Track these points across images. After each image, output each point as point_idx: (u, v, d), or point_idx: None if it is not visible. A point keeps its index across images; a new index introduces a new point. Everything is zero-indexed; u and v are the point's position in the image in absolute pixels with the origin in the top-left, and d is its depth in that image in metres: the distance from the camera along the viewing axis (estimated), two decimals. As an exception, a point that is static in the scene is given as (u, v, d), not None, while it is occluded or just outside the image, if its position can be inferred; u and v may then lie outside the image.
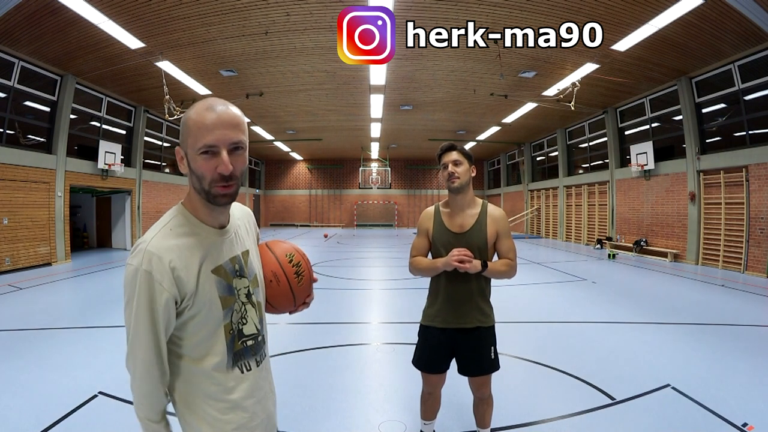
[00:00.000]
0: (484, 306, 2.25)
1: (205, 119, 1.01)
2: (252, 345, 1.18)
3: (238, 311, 1.14)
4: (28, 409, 2.96)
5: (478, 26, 5.82)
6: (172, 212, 1.11)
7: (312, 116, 15.88)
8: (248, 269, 1.20)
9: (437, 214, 2.31)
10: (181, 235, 1.07)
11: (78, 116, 11.41)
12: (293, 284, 1.27)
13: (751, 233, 9.22)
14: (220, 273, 1.10)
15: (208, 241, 1.10)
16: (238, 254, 1.17)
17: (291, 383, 3.48)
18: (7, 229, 9.09)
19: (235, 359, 1.13)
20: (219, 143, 1.01)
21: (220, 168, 1.01)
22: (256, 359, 1.19)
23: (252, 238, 1.30)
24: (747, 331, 4.99)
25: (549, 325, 5.30)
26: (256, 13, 7.68)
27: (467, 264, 2.06)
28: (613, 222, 14.53)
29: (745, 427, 2.71)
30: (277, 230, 25.38)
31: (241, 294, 1.15)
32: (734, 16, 7.33)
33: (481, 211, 2.24)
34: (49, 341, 4.53)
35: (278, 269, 1.26)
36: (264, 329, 1.25)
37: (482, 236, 2.19)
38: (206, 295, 1.07)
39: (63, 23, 7.72)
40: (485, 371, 2.26)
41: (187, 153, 1.05)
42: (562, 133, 17.93)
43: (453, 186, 2.19)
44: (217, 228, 1.14)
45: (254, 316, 1.19)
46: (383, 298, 7.11)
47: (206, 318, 1.07)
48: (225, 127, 1.01)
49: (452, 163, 2.18)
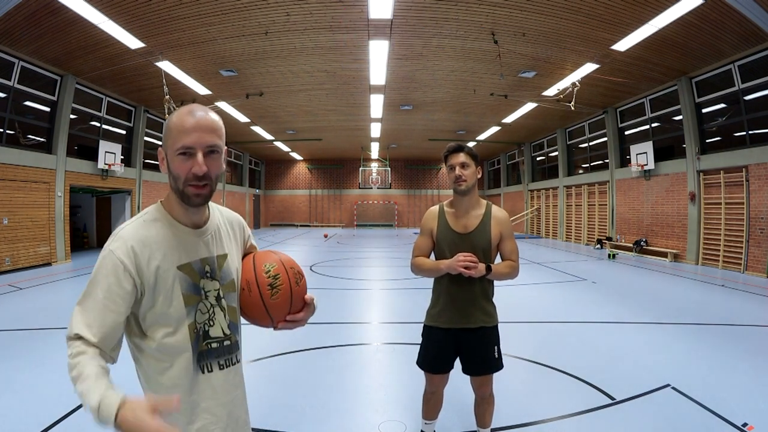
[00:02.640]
0: (487, 306, 2.26)
1: (184, 122, 1.07)
2: (216, 348, 1.18)
3: (204, 312, 1.16)
4: (28, 409, 2.96)
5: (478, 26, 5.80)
6: (150, 208, 1.18)
7: (312, 116, 15.88)
8: (222, 273, 1.21)
9: (442, 214, 2.31)
10: (152, 228, 1.12)
11: (78, 116, 11.41)
12: (265, 296, 1.22)
13: (751, 233, 9.21)
14: (185, 270, 1.13)
15: (178, 239, 1.14)
16: (212, 256, 1.20)
17: (291, 383, 3.48)
18: (7, 229, 9.09)
19: (198, 359, 1.14)
20: (195, 145, 1.07)
21: (195, 168, 1.07)
22: (219, 362, 1.19)
23: (236, 244, 1.32)
24: (747, 331, 4.99)
25: (549, 325, 5.30)
26: (256, 13, 7.68)
27: (472, 270, 2.06)
28: (613, 222, 14.53)
29: (745, 427, 2.71)
30: (277, 230, 25.39)
31: (210, 296, 1.17)
32: (734, 16, 7.33)
33: (486, 213, 2.25)
34: (49, 341, 4.53)
35: (252, 278, 1.24)
36: (236, 335, 1.25)
37: (486, 237, 2.20)
38: (166, 289, 1.10)
39: (63, 23, 7.72)
40: (489, 370, 2.28)
41: (167, 154, 1.11)
42: (562, 133, 17.94)
43: (460, 189, 2.19)
44: (191, 227, 1.18)
45: (222, 320, 1.19)
46: (383, 298, 7.11)
47: (165, 312, 1.10)
48: (202, 131, 1.08)
49: (459, 166, 2.18)
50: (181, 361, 1.12)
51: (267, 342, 4.37)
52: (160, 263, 1.10)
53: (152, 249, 1.09)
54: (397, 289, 7.75)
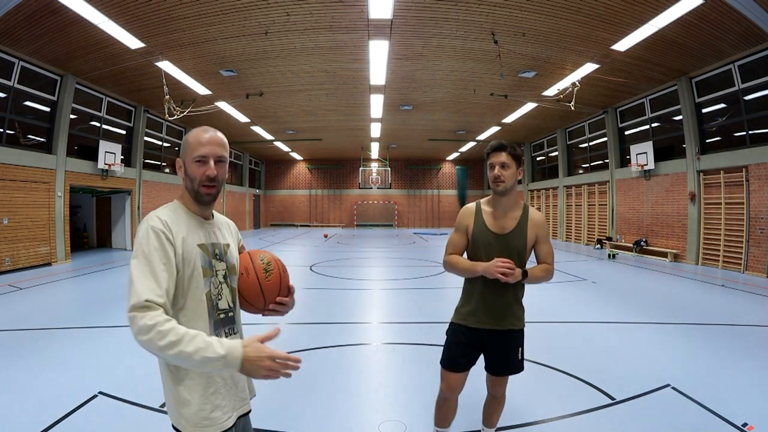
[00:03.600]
0: (517, 310, 2.26)
1: (201, 138, 1.41)
2: (223, 318, 1.44)
3: (216, 286, 1.42)
4: (28, 409, 2.96)
5: (478, 26, 5.79)
6: (170, 203, 1.46)
7: (312, 116, 15.88)
8: (227, 257, 1.50)
9: (479, 213, 2.28)
10: (175, 214, 1.41)
11: (78, 116, 11.41)
12: (261, 278, 1.49)
13: (751, 233, 9.21)
14: (203, 248, 1.41)
15: (195, 224, 1.44)
16: (219, 243, 1.49)
17: (291, 383, 3.46)
18: (7, 229, 9.09)
19: (214, 327, 1.39)
20: (209, 155, 1.40)
21: (208, 172, 1.40)
22: (225, 331, 1.44)
23: (233, 240, 1.60)
24: (747, 331, 4.99)
25: (549, 325, 5.30)
26: (256, 13, 7.68)
27: (509, 276, 2.04)
28: (613, 222, 14.53)
29: (745, 427, 2.71)
30: (277, 230, 25.37)
31: (219, 274, 1.44)
32: (734, 16, 7.33)
33: (523, 214, 2.23)
34: (49, 341, 4.53)
35: (249, 264, 1.51)
36: (237, 310, 1.52)
37: (522, 239, 2.19)
38: (191, 259, 1.36)
39: (63, 23, 7.72)
40: (511, 371, 2.29)
41: (185, 162, 1.43)
42: (562, 133, 17.94)
43: (498, 189, 2.16)
44: (203, 219, 1.48)
45: (228, 295, 1.47)
46: (383, 298, 7.11)
47: (191, 278, 1.34)
48: (214, 144, 1.42)
49: (500, 165, 2.13)
50: (203, 327, 1.33)
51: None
52: (186, 238, 1.36)
53: (179, 227, 1.37)
54: (397, 289, 7.75)
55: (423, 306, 6.31)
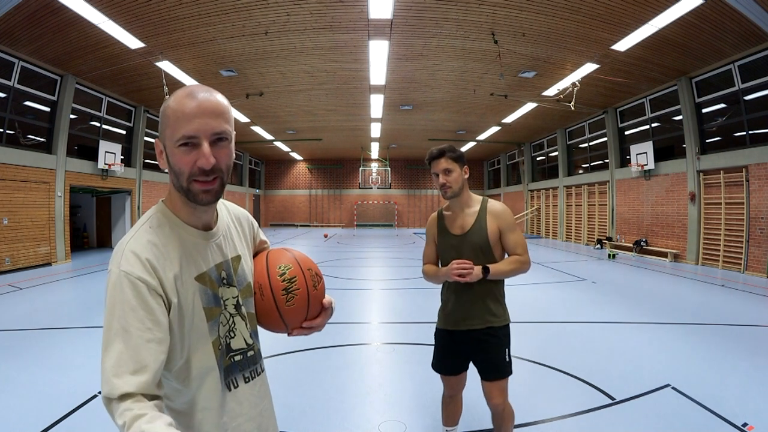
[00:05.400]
0: (494, 307, 2.17)
1: (184, 107, 0.89)
2: (240, 360, 1.07)
3: (225, 324, 1.03)
4: (28, 409, 2.96)
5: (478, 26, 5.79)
6: (152, 211, 1.00)
7: (312, 116, 15.88)
8: (237, 277, 1.09)
9: (440, 219, 2.30)
10: (161, 236, 0.95)
11: (78, 116, 11.40)
12: (279, 301, 1.08)
13: (751, 233, 9.21)
14: (204, 281, 0.99)
15: (190, 243, 0.99)
16: (226, 260, 1.07)
17: (291, 383, 3.48)
18: (7, 229, 9.09)
19: (225, 376, 1.03)
20: (199, 133, 0.89)
21: (200, 161, 0.90)
22: (244, 375, 1.08)
23: (247, 243, 1.19)
24: (747, 331, 4.99)
25: (549, 325, 5.30)
26: (256, 13, 7.68)
27: (467, 277, 2.03)
28: (613, 222, 14.53)
29: (745, 427, 2.71)
30: (277, 230, 25.38)
31: (229, 305, 1.05)
32: (734, 16, 7.33)
33: (480, 209, 2.19)
34: (49, 341, 4.53)
35: (265, 281, 1.10)
36: (257, 342, 1.15)
37: (483, 235, 2.14)
38: (189, 306, 0.95)
39: (63, 23, 7.72)
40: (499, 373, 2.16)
41: (165, 146, 0.93)
42: (562, 133, 17.93)
43: (447, 195, 2.17)
44: (201, 229, 1.03)
45: (244, 329, 1.08)
46: (383, 298, 7.11)
47: (191, 331, 0.95)
48: (206, 116, 0.89)
49: (443, 173, 2.13)
50: (209, 382, 0.98)
51: (267, 342, 4.34)
52: (180, 276, 0.94)
53: (168, 258, 0.93)
54: (397, 289, 7.75)
55: (423, 306, 6.30)
